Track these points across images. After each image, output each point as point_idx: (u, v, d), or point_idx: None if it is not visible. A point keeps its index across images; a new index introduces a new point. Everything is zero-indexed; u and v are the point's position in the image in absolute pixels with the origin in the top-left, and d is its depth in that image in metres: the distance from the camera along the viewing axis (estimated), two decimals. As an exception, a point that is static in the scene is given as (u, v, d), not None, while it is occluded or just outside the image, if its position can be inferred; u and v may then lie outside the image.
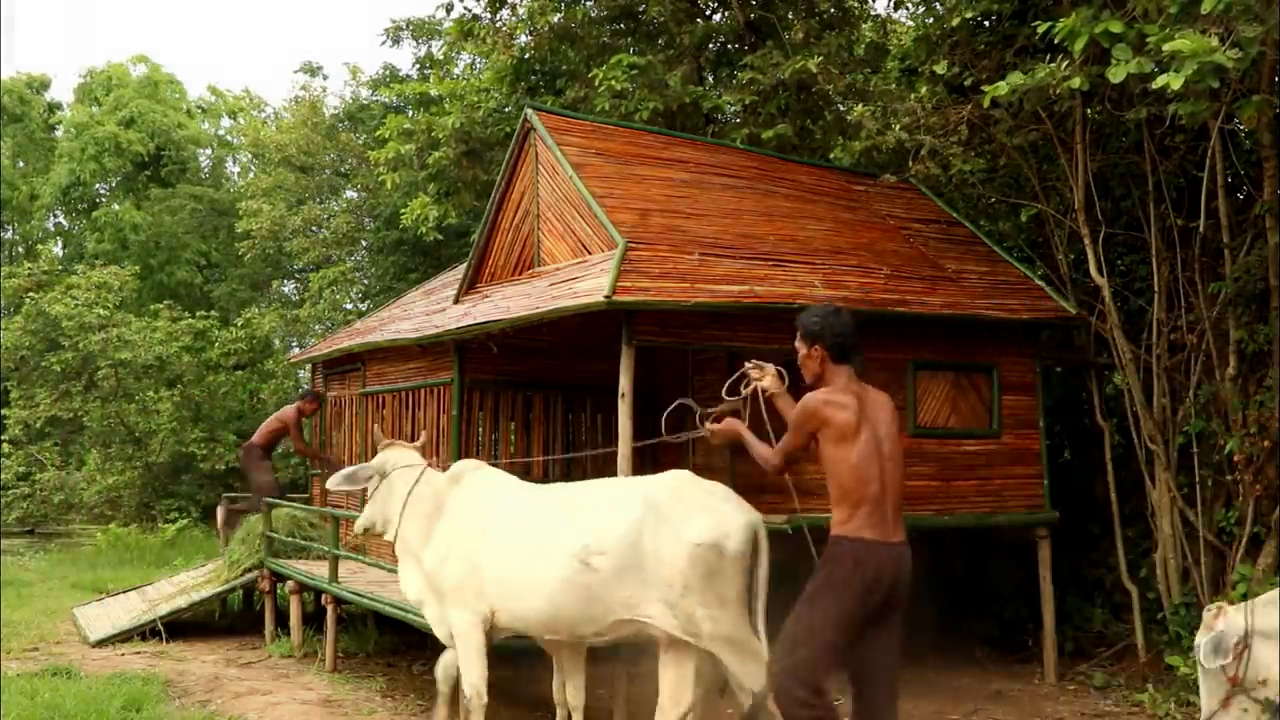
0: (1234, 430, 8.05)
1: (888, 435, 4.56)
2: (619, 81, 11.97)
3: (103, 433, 20.61)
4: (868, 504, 4.44)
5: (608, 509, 5.50)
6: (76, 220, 34.26)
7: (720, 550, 5.25)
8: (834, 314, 4.69)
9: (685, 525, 5.31)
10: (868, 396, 4.63)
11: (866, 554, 4.39)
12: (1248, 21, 6.12)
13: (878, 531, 4.43)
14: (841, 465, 4.46)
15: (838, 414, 4.48)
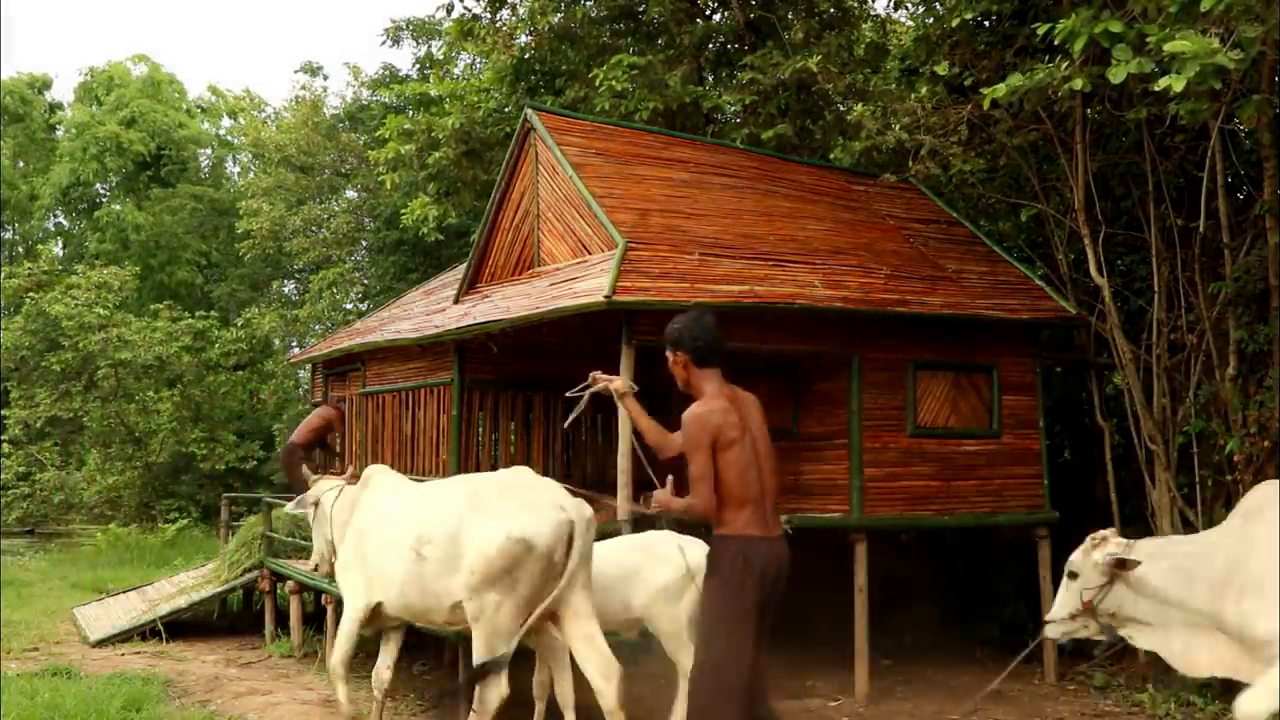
0: (1234, 430, 8.04)
1: (761, 436, 4.66)
2: (619, 81, 11.97)
3: (103, 433, 20.63)
4: (751, 504, 4.55)
5: (439, 503, 5.87)
6: (76, 220, 34.27)
7: (529, 545, 5.48)
8: (695, 319, 4.74)
9: (502, 519, 5.55)
10: (740, 399, 4.71)
11: (753, 550, 4.50)
12: (1248, 21, 6.12)
13: (760, 529, 4.56)
14: (728, 470, 4.53)
15: (726, 423, 4.55)
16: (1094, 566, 5.15)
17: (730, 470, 4.52)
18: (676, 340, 4.69)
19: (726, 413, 4.56)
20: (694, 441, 4.50)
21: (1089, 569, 5.17)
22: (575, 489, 5.99)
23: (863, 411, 8.20)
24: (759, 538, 4.53)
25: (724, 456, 4.52)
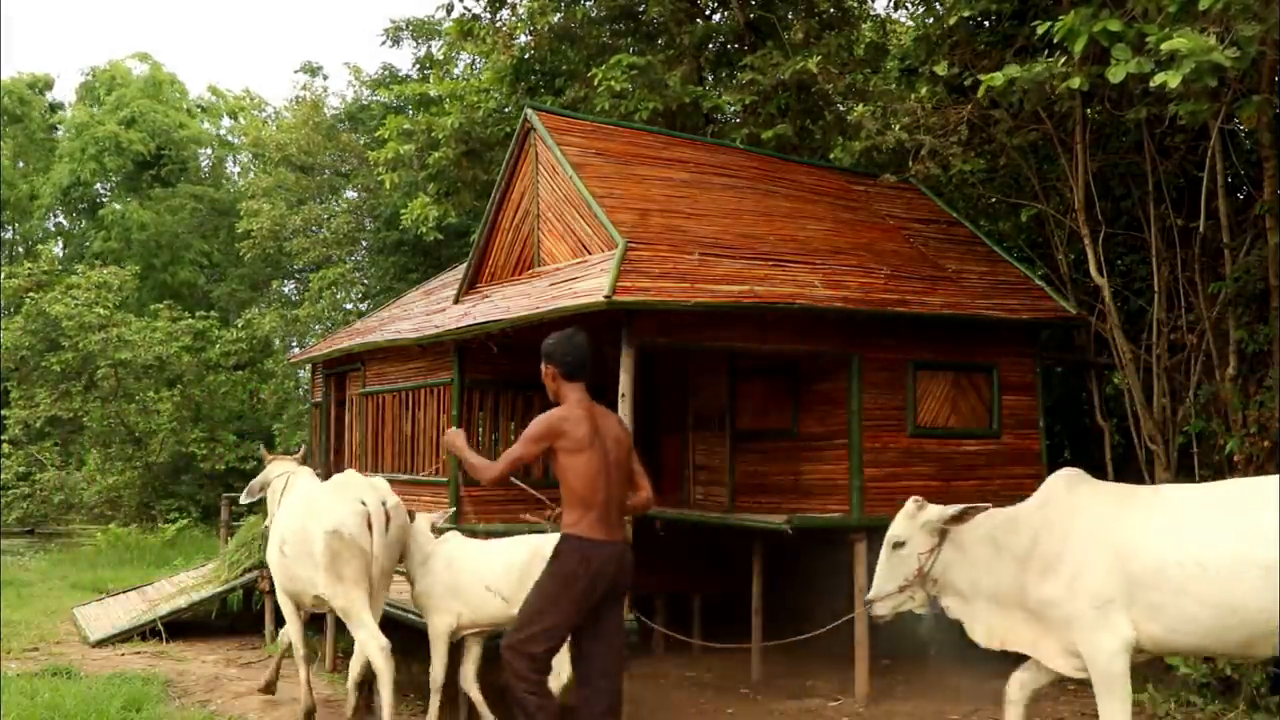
0: (1234, 430, 8.04)
1: (614, 448, 5.02)
2: (619, 81, 11.97)
3: (103, 433, 20.63)
4: (596, 509, 4.92)
5: (295, 507, 6.73)
6: (76, 220, 34.27)
7: (339, 535, 6.25)
8: (568, 337, 5.13)
9: (323, 515, 6.35)
10: (598, 413, 5.08)
11: (592, 551, 4.88)
12: (1246, 21, 6.12)
13: (603, 532, 4.93)
14: (574, 474, 4.92)
15: (574, 428, 4.92)
16: (923, 528, 5.24)
17: (578, 475, 4.91)
18: (549, 355, 5.10)
19: (578, 421, 4.94)
20: (531, 432, 4.98)
21: (917, 533, 5.25)
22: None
23: (863, 411, 8.20)
24: (600, 541, 4.91)
25: (572, 461, 4.93)
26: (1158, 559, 4.82)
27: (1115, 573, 4.90)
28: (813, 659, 9.11)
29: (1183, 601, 4.76)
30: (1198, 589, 4.73)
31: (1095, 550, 4.97)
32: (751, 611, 8.69)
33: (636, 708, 7.35)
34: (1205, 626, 4.77)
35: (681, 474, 9.93)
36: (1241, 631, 4.73)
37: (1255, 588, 4.64)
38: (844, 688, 8.26)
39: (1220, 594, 4.70)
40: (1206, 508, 4.94)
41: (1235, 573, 4.69)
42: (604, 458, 4.96)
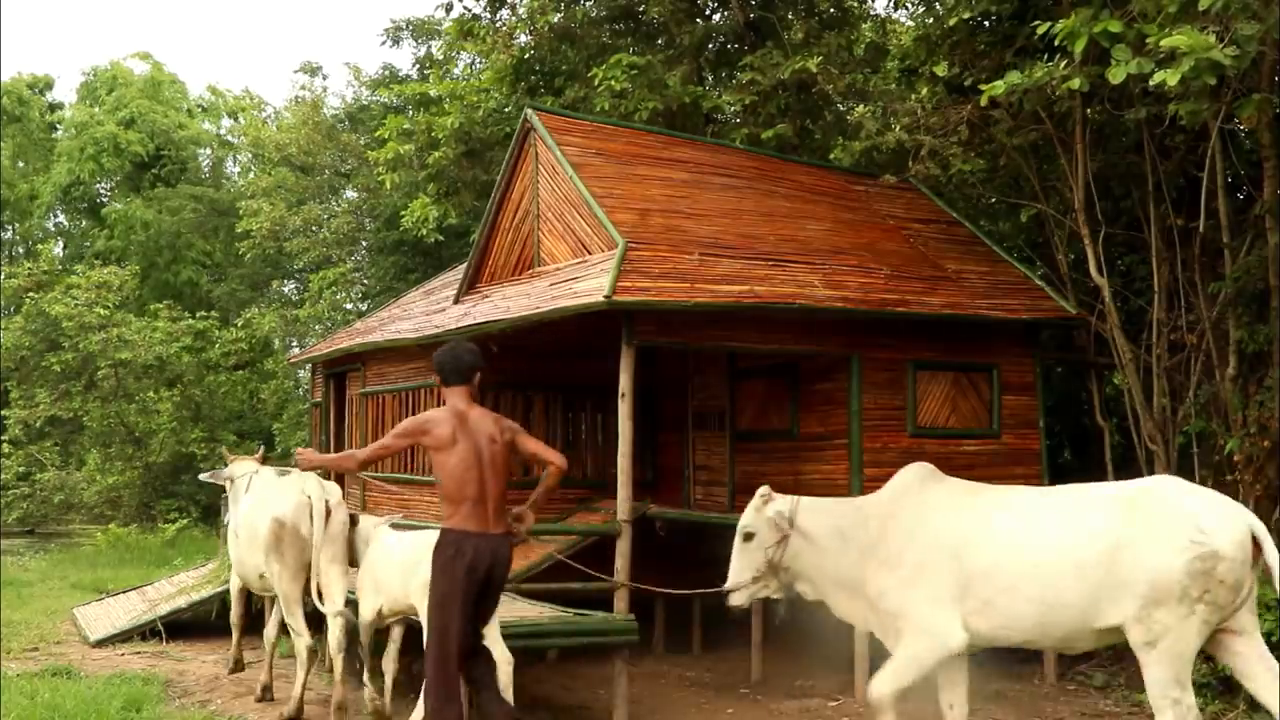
0: (1234, 430, 8.04)
1: (488, 446, 5.37)
2: (619, 81, 11.97)
3: (103, 433, 20.63)
4: (467, 503, 5.29)
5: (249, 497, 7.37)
6: (76, 220, 34.27)
7: (282, 522, 6.83)
8: (449, 348, 5.63)
9: (270, 505, 6.96)
10: (470, 414, 5.44)
11: (465, 543, 5.26)
12: (1246, 20, 6.12)
13: (476, 525, 5.30)
14: (443, 471, 5.33)
15: (435, 428, 5.35)
16: (768, 521, 5.40)
17: (446, 473, 5.33)
18: (434, 364, 5.62)
19: (440, 422, 5.37)
20: (399, 428, 5.56)
21: (764, 525, 5.41)
22: None
23: (863, 411, 8.20)
24: (472, 533, 5.29)
25: (439, 459, 5.35)
26: (994, 558, 5.04)
27: (951, 569, 5.10)
28: (813, 659, 9.10)
29: (1013, 598, 4.99)
30: (1028, 587, 4.95)
31: (935, 546, 5.17)
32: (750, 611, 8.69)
33: (636, 708, 7.35)
34: (1033, 622, 5.01)
35: (682, 474, 9.93)
36: (1064, 627, 4.98)
37: (1075, 586, 4.88)
38: (844, 688, 8.26)
39: (1047, 592, 4.92)
40: (1044, 509, 5.15)
41: (1060, 571, 4.91)
42: (474, 456, 5.31)
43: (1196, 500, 4.99)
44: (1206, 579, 4.73)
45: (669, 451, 10.29)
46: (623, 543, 7.29)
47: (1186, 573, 4.73)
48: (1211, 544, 4.75)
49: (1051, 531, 5.01)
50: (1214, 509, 4.91)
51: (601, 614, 7.12)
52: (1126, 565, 4.84)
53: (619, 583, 7.21)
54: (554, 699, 8.09)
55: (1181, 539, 4.78)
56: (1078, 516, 5.03)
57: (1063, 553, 4.94)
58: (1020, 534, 5.06)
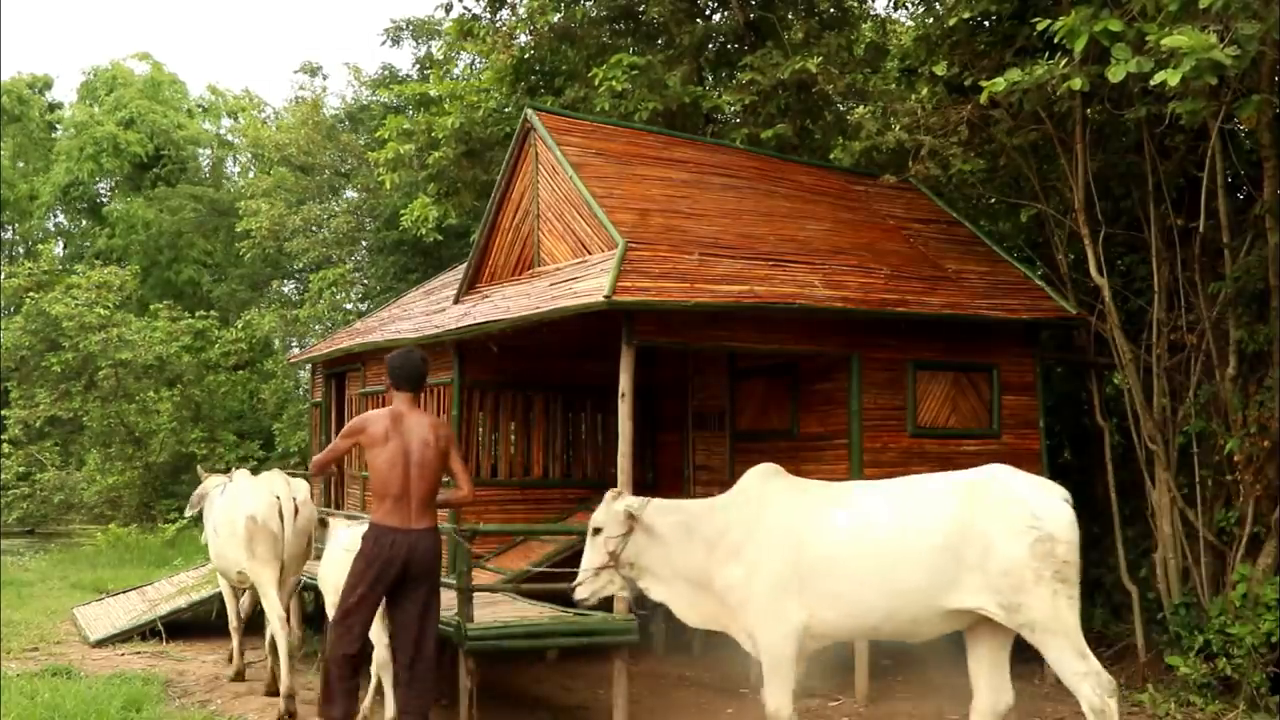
0: (1234, 430, 8.03)
1: (419, 448, 5.77)
2: (619, 81, 11.96)
3: (103, 433, 20.63)
4: (390, 499, 5.71)
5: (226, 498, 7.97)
6: (76, 220, 34.27)
7: (254, 519, 7.45)
8: (401, 354, 6.12)
9: (244, 504, 7.55)
10: (408, 417, 5.86)
11: (386, 537, 5.68)
12: (1247, 19, 6.12)
13: (398, 520, 5.71)
14: (372, 468, 5.77)
15: (370, 427, 5.82)
16: (614, 516, 5.55)
17: (374, 470, 5.77)
18: (388, 367, 6.08)
19: (376, 422, 5.83)
20: (342, 433, 6.09)
21: (611, 520, 5.56)
22: None
23: (863, 411, 8.20)
24: (393, 528, 5.70)
25: (370, 456, 5.80)
26: (835, 550, 5.25)
27: (793, 563, 5.29)
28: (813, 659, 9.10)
29: (860, 587, 5.21)
30: (873, 576, 5.18)
31: (777, 541, 5.34)
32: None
33: (637, 708, 7.35)
34: (880, 613, 5.26)
35: (681, 474, 9.93)
36: (911, 612, 5.23)
37: (920, 573, 5.12)
38: (844, 688, 8.26)
39: (891, 580, 5.15)
40: (885, 501, 5.36)
41: (904, 559, 5.14)
42: (403, 455, 5.73)
43: (1027, 487, 5.25)
44: (1051, 559, 5.00)
45: (669, 451, 10.29)
46: (623, 543, 7.27)
47: (1032, 556, 4.99)
48: (1046, 528, 5.04)
49: (893, 522, 5.22)
50: (1043, 495, 5.20)
51: (601, 614, 7.12)
52: (974, 553, 5.06)
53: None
54: (554, 699, 8.09)
55: (1020, 525, 5.04)
56: (918, 507, 5.26)
57: (905, 541, 5.15)
58: (862, 526, 5.26)
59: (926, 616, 5.24)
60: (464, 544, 6.89)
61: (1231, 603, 7.75)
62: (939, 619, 5.26)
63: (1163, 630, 8.45)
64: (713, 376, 9.74)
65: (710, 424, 9.77)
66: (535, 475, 9.56)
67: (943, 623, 5.31)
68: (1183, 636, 8.04)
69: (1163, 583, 8.50)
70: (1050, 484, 5.37)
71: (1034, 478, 5.45)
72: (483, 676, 6.78)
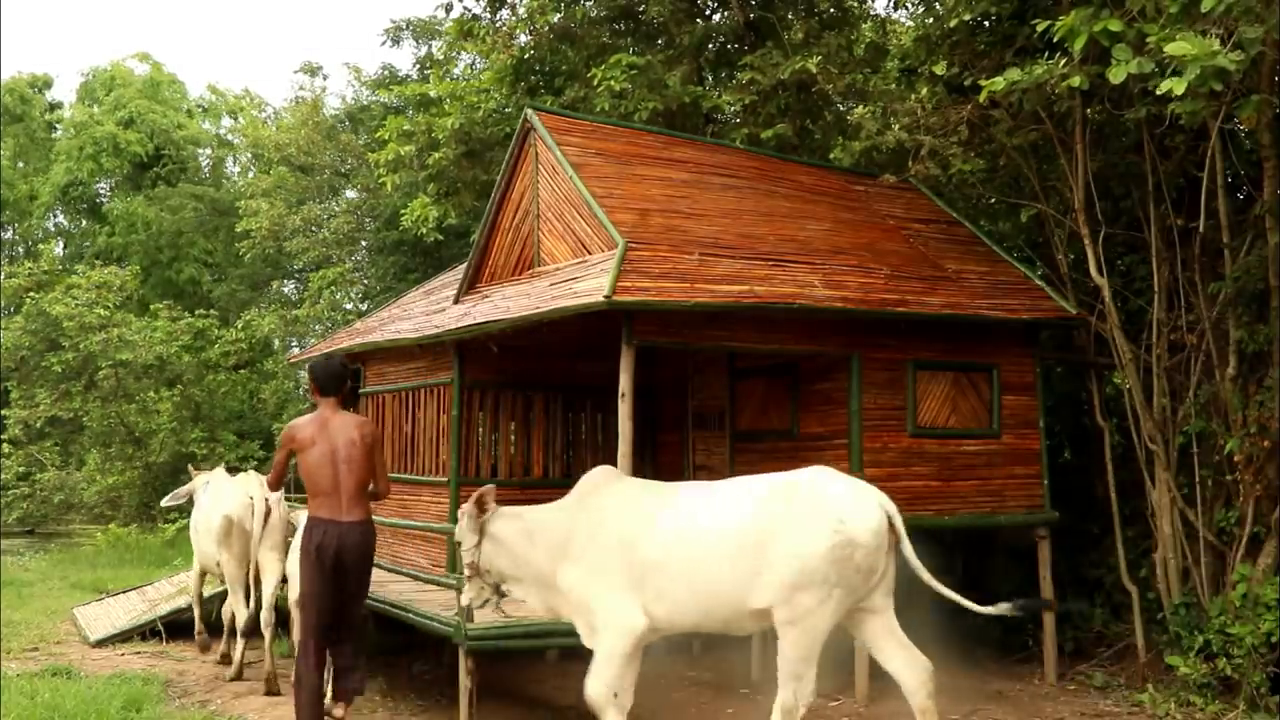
0: (1234, 430, 8.04)
1: (345, 447, 6.34)
2: (619, 81, 11.96)
3: (103, 433, 20.61)
4: (322, 495, 6.30)
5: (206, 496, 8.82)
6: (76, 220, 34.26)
7: (230, 518, 8.17)
8: (323, 361, 6.74)
9: (221, 503, 8.31)
10: (333, 420, 6.42)
11: (319, 528, 6.28)
12: (1249, 22, 6.11)
13: (330, 513, 6.30)
14: (304, 468, 6.35)
15: (299, 434, 6.38)
16: (464, 529, 5.99)
17: (306, 470, 6.33)
18: (310, 374, 6.63)
19: (304, 427, 6.40)
20: (278, 444, 6.63)
21: (463, 532, 6.01)
22: None
23: (863, 411, 8.20)
24: (326, 520, 6.28)
25: (302, 458, 6.35)
26: (659, 550, 5.54)
27: (626, 563, 5.60)
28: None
29: (678, 586, 5.49)
30: (689, 575, 5.46)
31: (612, 541, 5.66)
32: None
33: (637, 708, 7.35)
34: (697, 607, 5.53)
35: (682, 474, 9.93)
36: (723, 611, 5.51)
37: (729, 573, 5.39)
38: (844, 688, 8.26)
39: (704, 579, 5.43)
40: (705, 503, 5.65)
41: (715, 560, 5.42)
42: (330, 455, 6.30)
43: (839, 490, 5.48)
44: (844, 564, 5.25)
45: (669, 451, 10.29)
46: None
47: (828, 559, 5.24)
48: (850, 532, 5.26)
49: (708, 523, 5.50)
50: (854, 499, 5.43)
51: (601, 614, 7.11)
52: (776, 553, 5.29)
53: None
54: (554, 699, 8.09)
55: (824, 527, 5.27)
56: (731, 508, 5.52)
57: (716, 543, 5.43)
58: (682, 527, 5.55)
59: (738, 615, 5.49)
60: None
61: (1231, 603, 7.75)
62: (748, 619, 5.50)
63: (1163, 630, 8.46)
64: (713, 376, 9.74)
65: (710, 424, 9.77)
66: (535, 475, 9.55)
67: (756, 621, 5.52)
68: (1183, 636, 8.04)
69: (1163, 583, 8.50)
70: (868, 489, 5.56)
71: (853, 482, 5.69)
72: (483, 676, 6.79)
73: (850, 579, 5.27)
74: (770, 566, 5.30)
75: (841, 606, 5.34)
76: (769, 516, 5.39)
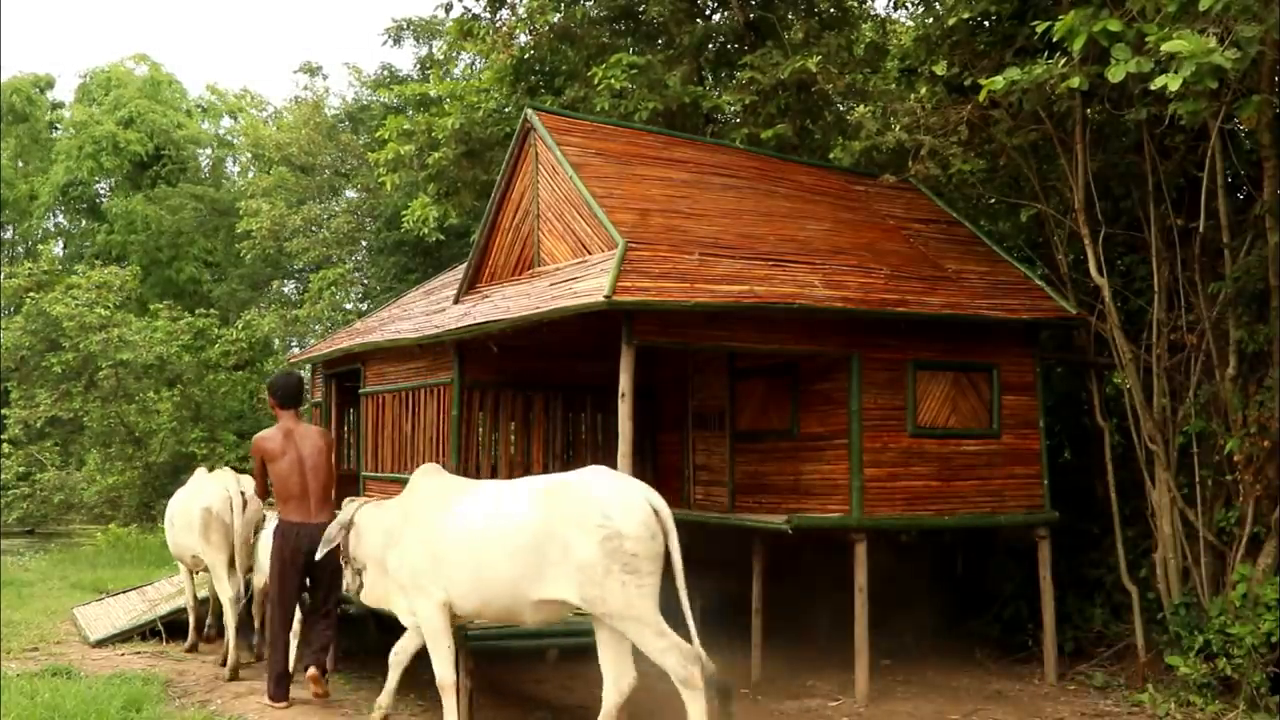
0: (1234, 430, 8.04)
1: (311, 454, 7.29)
2: (619, 81, 11.96)
3: (103, 433, 20.62)
4: (292, 500, 7.21)
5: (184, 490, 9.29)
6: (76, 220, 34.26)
7: (209, 510, 8.56)
8: (283, 379, 7.60)
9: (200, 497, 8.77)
10: (297, 431, 7.37)
11: (291, 530, 7.19)
12: (1246, 21, 6.12)
13: (299, 516, 7.20)
14: (274, 476, 7.26)
15: (267, 445, 7.32)
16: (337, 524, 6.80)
17: (277, 476, 7.26)
18: (268, 388, 7.68)
19: (272, 439, 7.30)
20: (252, 453, 7.53)
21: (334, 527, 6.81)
22: None
23: (863, 411, 8.20)
24: (295, 523, 7.18)
25: (272, 467, 7.27)
26: (451, 543, 6.12)
27: (430, 551, 6.22)
28: (813, 659, 9.11)
29: (466, 576, 6.06)
30: (475, 568, 6.00)
31: (422, 534, 6.29)
32: (752, 612, 8.70)
33: (637, 708, 7.35)
34: (480, 597, 6.07)
35: (682, 474, 9.93)
36: (503, 601, 5.98)
37: (508, 567, 5.87)
38: (844, 688, 8.27)
39: (486, 571, 5.95)
40: (494, 500, 6.11)
41: (495, 554, 5.91)
42: (298, 463, 7.22)
43: (605, 488, 5.82)
44: (620, 554, 5.56)
45: (669, 451, 10.29)
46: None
47: (602, 553, 5.56)
48: (615, 526, 5.59)
49: (489, 520, 5.99)
50: (619, 495, 5.75)
51: (601, 614, 7.12)
52: (555, 550, 5.70)
53: None
54: (554, 699, 8.09)
55: (590, 524, 5.61)
56: (510, 506, 5.96)
57: (496, 538, 5.91)
58: (469, 523, 6.07)
59: (520, 605, 5.95)
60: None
61: (1231, 603, 7.75)
62: (532, 607, 5.93)
63: (1163, 630, 8.46)
64: (713, 376, 9.74)
65: (710, 424, 9.77)
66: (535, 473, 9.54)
67: (538, 611, 5.96)
68: (1183, 636, 8.04)
69: (1163, 583, 8.50)
70: (633, 484, 5.91)
71: (620, 478, 6.05)
72: (483, 676, 6.78)
73: (635, 564, 5.58)
74: (553, 563, 5.72)
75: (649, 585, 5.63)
76: (544, 516, 5.77)
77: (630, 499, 5.73)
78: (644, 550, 5.60)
